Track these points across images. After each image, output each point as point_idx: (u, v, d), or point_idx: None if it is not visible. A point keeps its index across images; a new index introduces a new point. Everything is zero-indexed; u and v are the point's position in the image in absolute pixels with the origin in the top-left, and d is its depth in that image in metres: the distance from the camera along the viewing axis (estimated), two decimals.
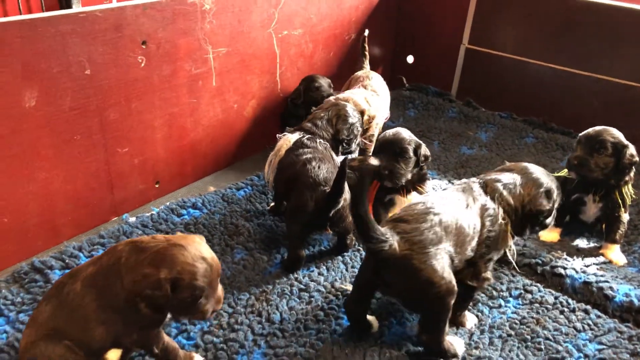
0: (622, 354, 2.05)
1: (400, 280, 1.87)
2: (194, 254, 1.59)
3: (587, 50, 3.74)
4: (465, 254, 1.95)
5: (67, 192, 2.52)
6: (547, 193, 2.11)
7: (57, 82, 2.31)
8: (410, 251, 1.80)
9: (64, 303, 1.63)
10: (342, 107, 2.69)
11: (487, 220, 2.00)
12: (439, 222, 1.88)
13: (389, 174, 2.54)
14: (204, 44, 2.88)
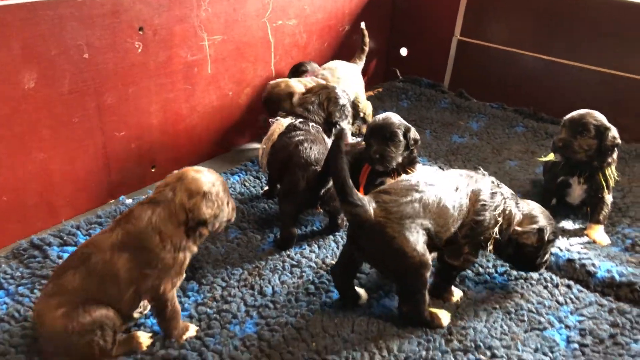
0: (602, 325, 2.12)
1: (373, 247, 1.94)
2: (207, 174, 1.91)
3: (576, 42, 3.82)
4: (448, 233, 2.01)
5: (66, 173, 2.58)
6: (540, 232, 2.15)
7: (56, 64, 2.37)
8: (386, 219, 1.88)
9: (93, 272, 1.74)
10: (331, 89, 2.77)
11: (478, 205, 2.06)
12: (419, 199, 1.94)
13: (380, 157, 2.60)
14: (199, 31, 2.95)
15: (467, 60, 4.35)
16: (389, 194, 1.96)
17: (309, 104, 2.71)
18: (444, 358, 1.92)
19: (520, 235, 2.15)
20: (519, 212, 2.17)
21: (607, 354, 1.99)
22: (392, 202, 1.92)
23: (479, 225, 2.06)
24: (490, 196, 2.09)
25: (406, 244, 1.87)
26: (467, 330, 2.05)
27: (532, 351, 1.98)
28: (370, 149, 2.63)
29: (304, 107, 2.69)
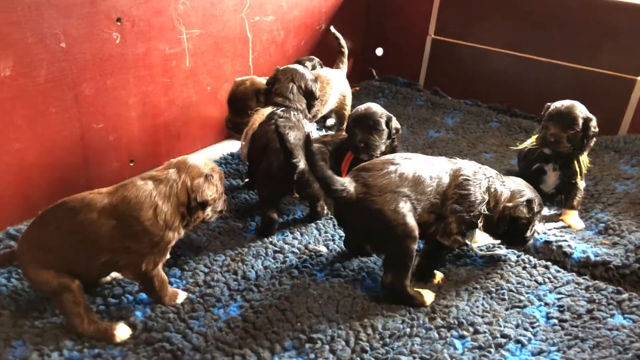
0: (579, 302, 2.17)
1: (360, 222, 2.03)
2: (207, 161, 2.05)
3: (548, 39, 3.94)
4: (427, 201, 2.07)
5: (42, 165, 2.54)
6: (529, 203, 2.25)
7: (32, 52, 2.34)
8: (367, 194, 1.97)
9: (78, 230, 1.78)
10: (298, 70, 2.76)
11: (460, 179, 2.14)
12: (394, 170, 2.03)
13: (365, 146, 2.64)
14: (177, 24, 2.95)
15: (442, 58, 4.44)
16: (366, 170, 2.05)
17: (288, 91, 2.69)
18: (428, 334, 1.95)
19: (513, 210, 2.21)
20: (506, 189, 2.24)
21: (585, 327, 2.04)
22: (370, 176, 2.01)
23: (464, 199, 2.12)
24: (473, 174, 2.16)
25: (388, 212, 1.95)
26: (450, 309, 2.08)
27: (513, 327, 2.02)
28: (354, 138, 2.66)
29: (283, 97, 2.69)
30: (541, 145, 2.75)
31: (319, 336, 1.88)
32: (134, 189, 1.84)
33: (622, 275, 2.33)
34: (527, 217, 2.24)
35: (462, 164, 2.21)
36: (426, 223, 2.10)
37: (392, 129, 2.75)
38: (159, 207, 1.84)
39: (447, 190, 2.11)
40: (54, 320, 1.90)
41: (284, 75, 2.75)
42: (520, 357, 1.88)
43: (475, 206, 2.15)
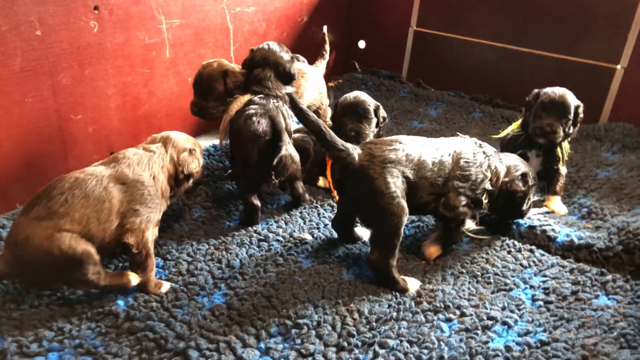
0: (564, 284, 2.18)
1: (356, 189, 2.06)
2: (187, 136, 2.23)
3: (528, 29, 3.96)
4: (427, 184, 2.12)
5: (19, 157, 2.48)
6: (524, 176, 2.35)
7: (7, 40, 2.28)
8: (369, 162, 2.02)
9: (88, 198, 1.85)
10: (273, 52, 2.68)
11: (462, 162, 2.20)
12: (402, 149, 2.08)
13: (355, 135, 2.64)
14: (157, 13, 2.90)
15: (424, 50, 4.45)
16: (374, 144, 2.10)
17: (266, 79, 2.62)
18: (415, 318, 1.93)
19: (510, 184, 2.31)
20: (503, 165, 2.33)
21: (571, 308, 2.05)
22: (377, 148, 2.06)
23: (466, 180, 2.19)
24: (473, 155, 2.24)
25: (386, 186, 1.99)
26: (436, 293, 2.07)
27: (499, 309, 2.02)
28: (344, 127, 2.65)
29: (262, 85, 2.62)
30: (536, 135, 2.69)
31: (305, 322, 1.85)
32: (135, 157, 2.01)
33: (605, 258, 2.35)
34: (522, 190, 2.34)
35: (462, 146, 2.26)
36: (426, 203, 2.17)
37: (380, 117, 2.75)
38: (156, 177, 2.02)
39: (450, 172, 2.17)
40: (32, 312, 1.85)
41: (260, 59, 2.65)
42: (507, 339, 1.88)
43: (478, 185, 2.22)
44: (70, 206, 1.81)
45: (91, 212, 1.84)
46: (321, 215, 2.55)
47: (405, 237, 2.46)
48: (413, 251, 2.35)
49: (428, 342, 1.82)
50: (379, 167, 2.00)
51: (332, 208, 2.62)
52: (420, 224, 2.55)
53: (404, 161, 2.06)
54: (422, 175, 2.10)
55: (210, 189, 2.70)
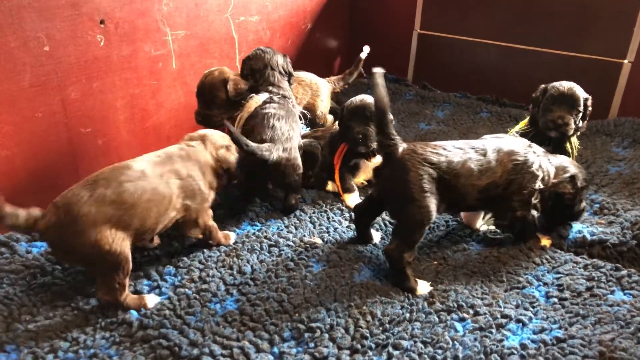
0: (578, 280, 2.16)
1: (391, 178, 2.12)
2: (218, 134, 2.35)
3: (532, 27, 3.95)
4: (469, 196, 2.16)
5: (31, 171, 2.51)
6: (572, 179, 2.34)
7: (16, 57, 2.32)
8: (410, 156, 2.07)
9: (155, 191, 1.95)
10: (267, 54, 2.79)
11: (511, 164, 2.20)
12: (445, 155, 2.11)
13: (363, 138, 2.65)
14: (162, 25, 2.93)
15: (429, 52, 4.45)
16: (420, 145, 2.14)
17: (276, 79, 2.72)
18: (428, 318, 1.92)
19: (557, 186, 2.30)
20: (552, 167, 2.31)
21: (586, 304, 2.03)
22: (420, 148, 2.11)
23: (513, 183, 2.20)
24: (524, 155, 2.23)
25: (419, 180, 2.04)
26: (449, 293, 2.06)
27: (513, 307, 2.00)
28: (351, 130, 2.65)
29: (276, 85, 2.71)
30: (548, 128, 2.66)
31: (318, 325, 1.85)
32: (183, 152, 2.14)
33: (619, 253, 2.32)
34: (571, 192, 2.32)
35: (512, 147, 2.24)
36: (477, 206, 2.27)
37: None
38: (206, 172, 2.16)
39: (497, 177, 2.18)
40: (47, 323, 1.86)
41: (261, 64, 2.75)
42: (522, 336, 1.86)
43: (529, 185, 2.22)
44: (137, 199, 1.89)
45: (153, 206, 1.93)
46: (331, 220, 2.55)
47: None
48: (425, 252, 2.35)
49: (442, 342, 1.81)
50: (418, 162, 2.06)
51: (341, 212, 2.62)
52: (431, 225, 2.53)
53: (444, 167, 2.09)
54: (463, 183, 2.12)
55: (219, 196, 2.71)
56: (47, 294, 2.00)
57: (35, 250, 2.21)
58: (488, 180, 2.16)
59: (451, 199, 2.14)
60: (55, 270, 2.09)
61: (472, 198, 2.17)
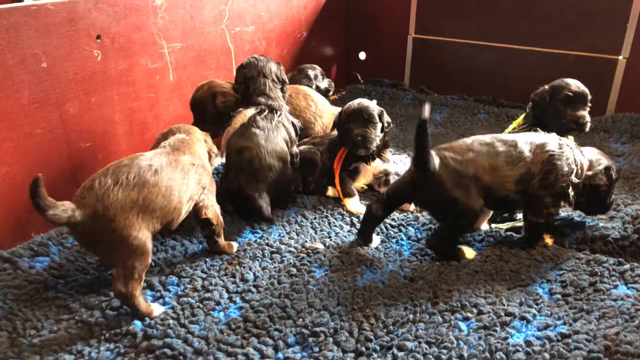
0: (581, 276, 2.15)
1: (430, 194, 2.23)
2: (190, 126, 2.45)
3: (525, 27, 3.98)
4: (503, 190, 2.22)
5: None
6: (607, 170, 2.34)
7: (13, 74, 2.34)
8: (445, 172, 2.15)
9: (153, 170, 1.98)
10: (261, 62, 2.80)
11: (546, 156, 2.23)
12: (472, 158, 2.19)
13: (362, 140, 2.65)
14: (158, 39, 2.96)
15: (425, 56, 4.48)
16: (449, 152, 2.22)
17: (268, 89, 2.74)
18: (432, 319, 1.92)
19: (593, 178, 2.30)
20: (585, 159, 2.33)
21: (590, 300, 2.02)
22: (452, 159, 2.18)
23: (549, 175, 2.22)
24: (558, 147, 2.25)
25: (460, 196, 2.16)
26: (452, 293, 2.06)
27: (517, 305, 2.00)
28: (349, 133, 2.66)
29: (265, 95, 2.73)
30: (569, 129, 2.63)
31: (322, 329, 1.85)
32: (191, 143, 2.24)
33: (621, 247, 2.33)
34: (606, 184, 2.32)
35: (545, 137, 2.29)
36: (510, 201, 2.26)
37: (385, 122, 2.77)
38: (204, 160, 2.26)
39: (532, 168, 2.22)
40: (52, 337, 1.86)
41: (255, 72, 2.76)
42: (526, 333, 1.85)
43: (563, 178, 2.23)
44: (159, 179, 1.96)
45: (174, 187, 2.01)
46: (332, 225, 2.55)
47: (418, 239, 2.45)
48: (427, 253, 2.35)
49: (447, 342, 1.81)
50: (453, 179, 2.15)
51: (342, 217, 2.63)
52: (432, 226, 2.54)
53: (477, 168, 2.17)
54: (496, 178, 2.19)
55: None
56: (50, 308, 2.00)
57: (39, 265, 2.22)
58: (521, 170, 2.21)
59: (490, 195, 2.22)
60: (58, 284, 2.09)
61: (510, 190, 2.22)
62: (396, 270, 2.21)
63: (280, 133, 2.64)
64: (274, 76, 2.77)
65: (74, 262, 2.22)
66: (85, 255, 2.27)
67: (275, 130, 2.62)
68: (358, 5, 4.59)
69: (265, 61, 2.81)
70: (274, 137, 2.60)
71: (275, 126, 2.64)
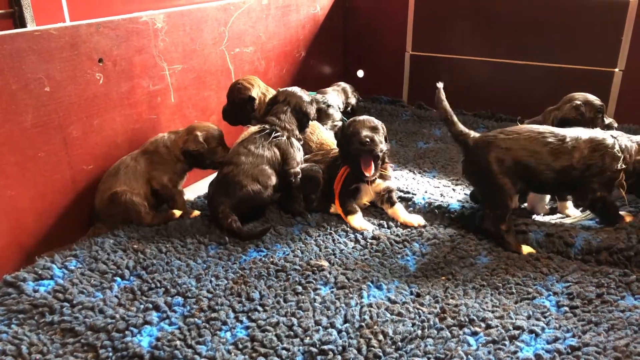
0: (588, 287, 2.15)
1: (469, 164, 2.54)
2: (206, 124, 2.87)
3: (520, 42, 4.02)
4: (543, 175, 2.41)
5: (36, 210, 2.52)
6: None
7: (17, 99, 2.36)
8: (481, 143, 2.45)
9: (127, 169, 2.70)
10: (294, 93, 2.92)
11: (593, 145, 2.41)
12: (514, 137, 2.42)
13: (371, 141, 2.64)
14: (159, 61, 2.99)
15: (422, 73, 4.51)
16: (500, 133, 2.47)
17: (281, 112, 2.84)
18: (440, 334, 1.91)
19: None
20: (634, 144, 2.47)
21: (598, 312, 2.02)
22: (492, 135, 2.47)
23: (595, 166, 2.39)
24: (602, 138, 2.43)
25: (493, 164, 2.39)
26: (459, 307, 2.05)
27: (525, 318, 1.99)
28: (357, 135, 2.65)
29: (276, 117, 2.82)
30: None
31: (330, 347, 1.84)
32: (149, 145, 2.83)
33: (627, 258, 2.32)
34: None
35: (591, 132, 2.46)
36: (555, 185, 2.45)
37: (385, 137, 2.79)
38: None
39: (576, 159, 2.38)
40: None
41: (282, 97, 2.91)
42: (535, 347, 1.84)
43: (610, 167, 2.39)
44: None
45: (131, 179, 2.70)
46: (336, 242, 2.55)
47: (423, 254, 2.45)
48: (432, 267, 2.34)
49: (456, 357, 1.80)
50: (489, 147, 2.41)
51: (346, 233, 2.63)
52: (437, 241, 2.54)
53: (515, 148, 2.39)
54: (536, 162, 2.38)
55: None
56: (56, 331, 1.98)
57: (43, 289, 2.20)
58: (564, 163, 2.38)
59: (527, 178, 2.41)
60: (63, 307, 2.08)
61: (549, 179, 2.40)
62: (402, 286, 2.21)
63: (267, 155, 2.72)
64: (298, 107, 2.87)
65: (78, 284, 2.21)
66: (90, 277, 2.26)
67: (263, 151, 2.71)
68: (355, 24, 4.64)
69: (297, 92, 2.93)
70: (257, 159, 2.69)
71: (266, 147, 2.71)
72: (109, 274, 2.28)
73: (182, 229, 2.64)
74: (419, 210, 2.84)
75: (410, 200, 2.89)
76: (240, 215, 2.62)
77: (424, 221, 2.71)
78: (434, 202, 2.83)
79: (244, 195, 2.62)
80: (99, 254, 2.40)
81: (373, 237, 2.58)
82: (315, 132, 3.27)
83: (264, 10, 3.71)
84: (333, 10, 4.48)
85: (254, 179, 2.66)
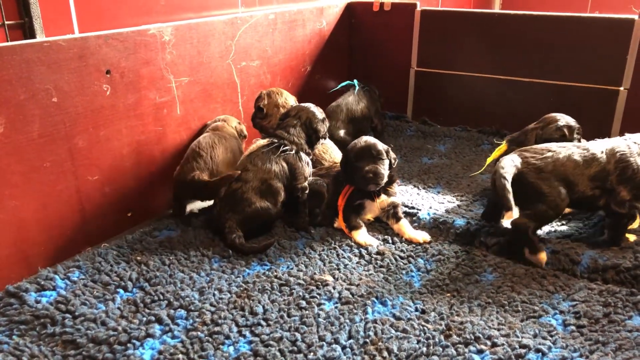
0: (595, 307, 2.13)
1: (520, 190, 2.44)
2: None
3: (526, 60, 4.03)
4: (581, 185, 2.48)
5: (40, 220, 2.52)
6: None
7: (25, 109, 2.37)
8: (527, 169, 2.47)
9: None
10: (307, 108, 2.94)
11: (618, 155, 2.50)
12: (551, 156, 2.49)
13: (374, 175, 2.65)
14: (166, 73, 3.00)
15: (427, 89, 4.52)
16: (529, 152, 2.54)
17: (291, 126, 2.85)
18: (445, 352, 1.89)
19: None
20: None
21: (605, 331, 2.00)
22: (532, 157, 2.51)
23: (627, 170, 2.47)
24: (627, 147, 2.52)
25: (545, 188, 2.45)
26: (465, 325, 2.03)
27: (531, 337, 1.97)
28: (359, 170, 2.66)
29: (285, 130, 2.84)
30: None
31: None
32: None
33: (633, 277, 2.30)
34: None
35: (614, 142, 2.57)
36: (592, 197, 2.50)
37: (392, 159, 2.78)
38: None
39: (607, 166, 2.48)
40: None
41: (294, 112, 2.95)
42: None
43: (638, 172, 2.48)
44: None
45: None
46: (340, 256, 2.54)
47: (428, 271, 2.43)
48: (437, 284, 2.33)
49: None
50: (535, 174, 2.46)
51: (350, 248, 2.61)
52: (441, 257, 2.52)
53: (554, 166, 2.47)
54: (573, 173, 2.46)
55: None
56: (57, 343, 1.97)
57: (44, 299, 2.19)
58: (596, 168, 2.48)
59: (569, 190, 2.47)
60: (65, 319, 2.06)
61: (586, 187, 2.48)
62: (407, 302, 2.19)
63: (275, 169, 2.71)
64: (308, 123, 2.88)
65: (80, 296, 2.20)
66: (93, 289, 2.24)
67: (271, 165, 2.71)
68: (361, 40, 4.66)
69: (309, 108, 2.95)
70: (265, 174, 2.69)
71: (274, 161, 2.72)
72: (111, 285, 2.27)
73: (186, 241, 2.63)
74: (423, 225, 2.82)
75: (415, 216, 2.88)
76: (247, 231, 2.61)
77: (429, 237, 2.70)
78: (439, 218, 2.82)
79: (252, 212, 2.62)
80: (102, 265, 2.39)
81: (377, 253, 2.56)
82: (328, 152, 3.27)
83: (271, 24, 3.73)
84: (339, 26, 4.50)
85: (262, 196, 2.65)
